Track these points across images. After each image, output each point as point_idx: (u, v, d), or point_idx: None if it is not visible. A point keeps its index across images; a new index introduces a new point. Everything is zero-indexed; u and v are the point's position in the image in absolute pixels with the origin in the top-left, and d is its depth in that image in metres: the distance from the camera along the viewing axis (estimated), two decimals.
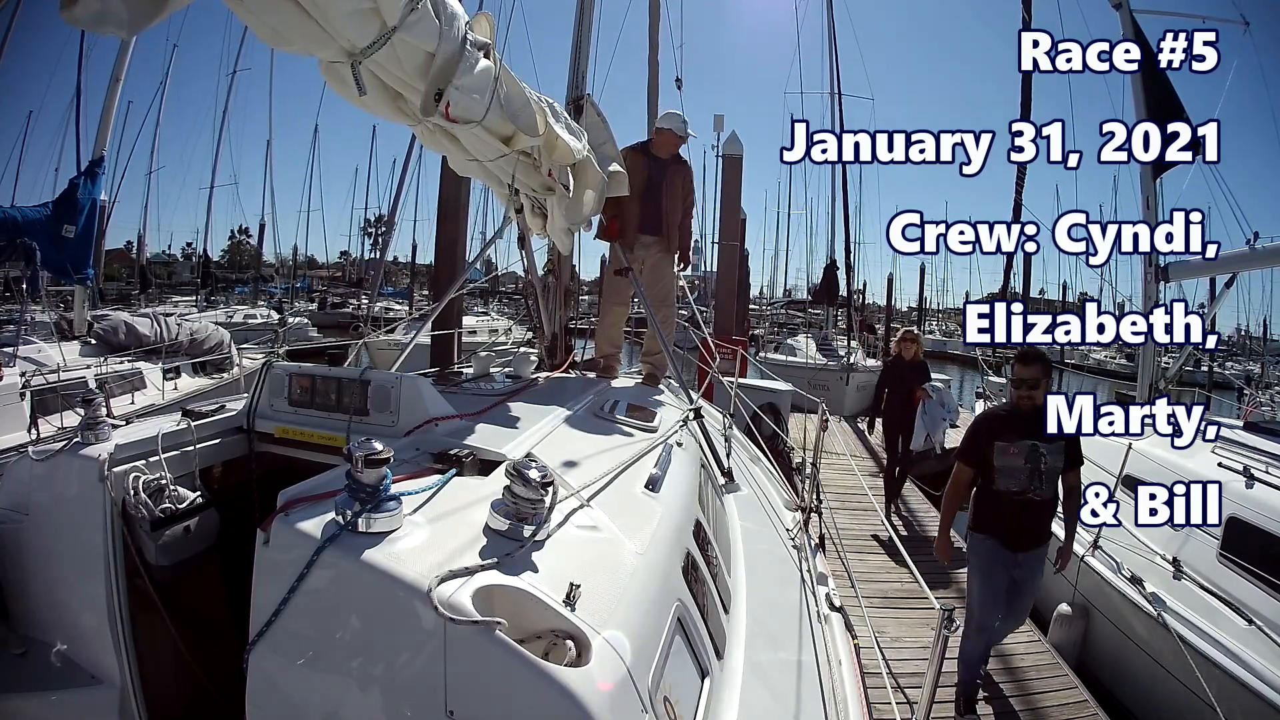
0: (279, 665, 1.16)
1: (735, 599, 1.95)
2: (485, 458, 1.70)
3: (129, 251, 31.74)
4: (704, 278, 25.23)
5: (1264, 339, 28.92)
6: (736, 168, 13.19)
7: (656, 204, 3.81)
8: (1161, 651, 3.48)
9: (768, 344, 18.96)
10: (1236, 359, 26.08)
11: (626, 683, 1.03)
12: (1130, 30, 5.58)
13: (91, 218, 7.72)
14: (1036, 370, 2.98)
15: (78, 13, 1.16)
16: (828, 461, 6.08)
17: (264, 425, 2.15)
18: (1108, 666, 4.02)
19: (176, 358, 8.30)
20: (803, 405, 7.83)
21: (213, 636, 1.94)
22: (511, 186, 2.69)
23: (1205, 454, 4.06)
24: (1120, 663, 3.92)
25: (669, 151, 3.88)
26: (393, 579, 1.07)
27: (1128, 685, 3.85)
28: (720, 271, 14.91)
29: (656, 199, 3.81)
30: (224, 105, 24.64)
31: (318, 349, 14.56)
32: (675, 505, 1.78)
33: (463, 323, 11.18)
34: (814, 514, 3.08)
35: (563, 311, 4.22)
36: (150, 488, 1.79)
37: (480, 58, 1.85)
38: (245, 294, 27.71)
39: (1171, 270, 5.56)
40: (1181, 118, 5.40)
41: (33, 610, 1.72)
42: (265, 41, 1.47)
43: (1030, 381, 2.98)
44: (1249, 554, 3.44)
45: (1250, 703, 2.96)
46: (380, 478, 1.19)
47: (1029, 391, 2.98)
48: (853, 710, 1.79)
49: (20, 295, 7.53)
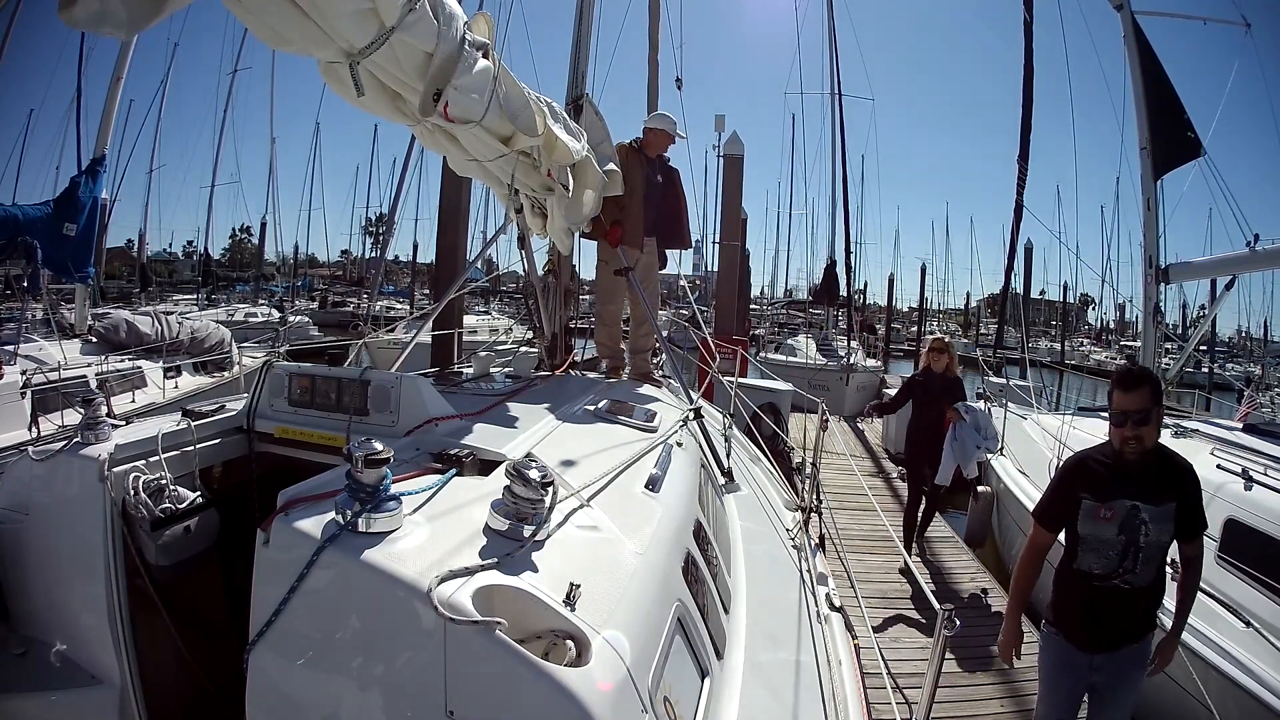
0: (279, 665, 1.16)
1: (735, 599, 1.95)
2: (485, 458, 1.71)
3: (130, 250, 31.73)
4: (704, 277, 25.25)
5: (1265, 340, 28.95)
6: (737, 168, 13.21)
7: (654, 205, 3.83)
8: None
9: (768, 344, 18.98)
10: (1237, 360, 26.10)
11: (626, 683, 1.03)
12: (1131, 31, 5.58)
13: (92, 216, 7.73)
14: (1145, 398, 2.11)
15: (76, 13, 1.16)
16: (828, 461, 6.08)
17: (264, 425, 2.15)
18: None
19: (177, 356, 8.30)
20: (803, 405, 7.83)
21: (213, 636, 1.94)
22: (511, 186, 2.69)
23: (1204, 455, 4.06)
24: None
25: (658, 152, 3.90)
26: (393, 579, 1.07)
27: None
28: (721, 271, 14.94)
29: (654, 200, 3.83)
30: (225, 104, 24.65)
31: (318, 348, 14.55)
32: (675, 505, 1.78)
33: (464, 322, 11.18)
34: (814, 514, 3.08)
35: (563, 311, 4.22)
36: (150, 488, 1.80)
37: (479, 58, 1.86)
38: (246, 292, 27.69)
39: (1172, 272, 5.55)
40: (1182, 119, 5.42)
41: (33, 610, 1.73)
42: (264, 42, 1.47)
43: (1138, 415, 2.10)
44: (1247, 556, 3.43)
45: (1248, 705, 2.96)
46: (380, 478, 1.19)
47: (1136, 430, 2.11)
48: (853, 710, 1.79)
49: (21, 294, 7.53)
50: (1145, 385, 2.12)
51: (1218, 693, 2.96)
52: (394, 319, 16.87)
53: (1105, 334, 41.04)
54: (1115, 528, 2.16)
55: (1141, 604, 2.24)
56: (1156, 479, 2.16)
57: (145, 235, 27.04)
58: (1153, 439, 2.15)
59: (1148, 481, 2.15)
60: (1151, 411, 2.11)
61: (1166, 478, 2.17)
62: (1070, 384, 16.05)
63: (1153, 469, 2.17)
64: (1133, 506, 2.14)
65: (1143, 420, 2.10)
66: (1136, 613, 2.25)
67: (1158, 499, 2.13)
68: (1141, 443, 2.12)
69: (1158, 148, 5.43)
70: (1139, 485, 2.15)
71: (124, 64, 8.41)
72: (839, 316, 19.22)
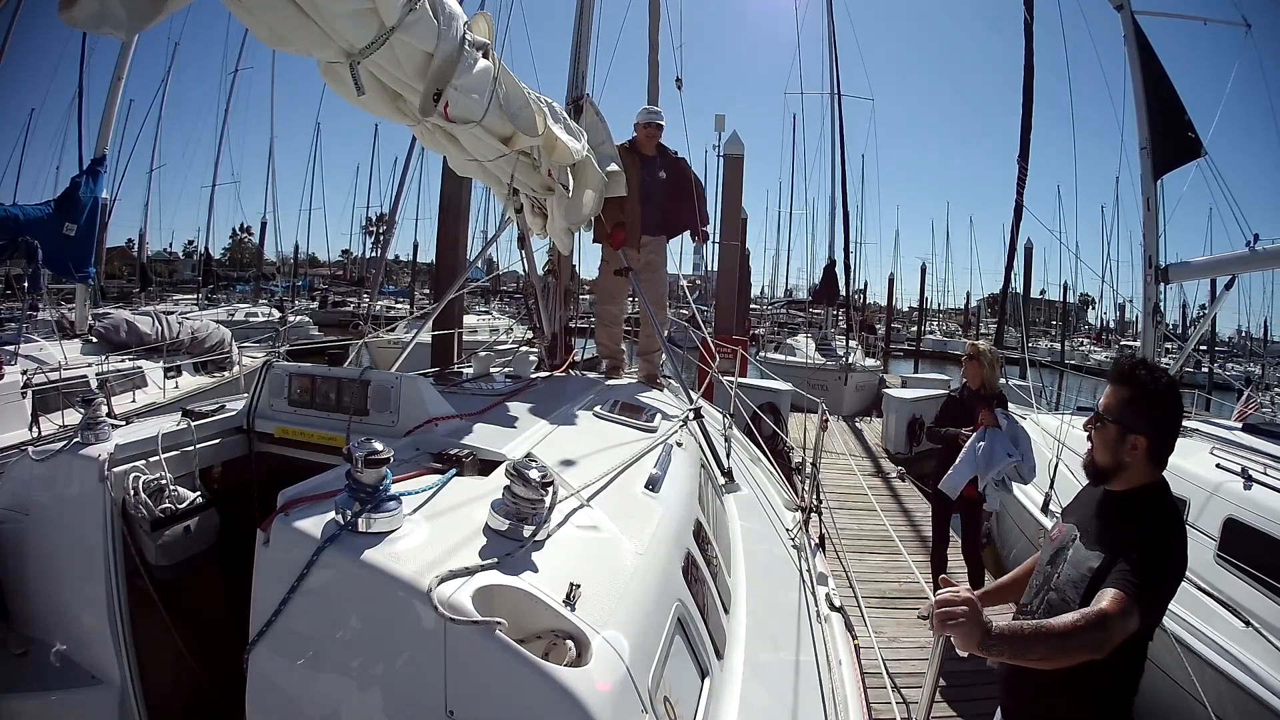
0: (279, 665, 1.16)
1: (735, 599, 1.95)
2: (485, 458, 1.71)
3: (130, 250, 31.71)
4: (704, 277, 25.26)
5: (1265, 340, 28.97)
6: (737, 167, 13.22)
7: (653, 203, 3.83)
8: (1158, 653, 3.47)
9: (768, 344, 18.99)
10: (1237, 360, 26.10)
11: (626, 683, 1.03)
12: (1131, 31, 5.58)
13: (93, 216, 7.72)
14: (1110, 396, 1.60)
15: (76, 14, 1.16)
16: (828, 461, 6.08)
17: (264, 425, 2.15)
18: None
19: (177, 356, 8.30)
20: (802, 405, 7.83)
21: (213, 636, 1.94)
22: (511, 186, 2.69)
23: (1203, 455, 4.06)
24: None
25: (652, 147, 3.90)
26: (393, 579, 1.07)
27: None
28: (721, 271, 14.95)
29: (653, 198, 3.83)
30: (225, 104, 24.65)
31: (318, 348, 14.56)
32: (675, 505, 1.78)
33: (464, 322, 11.18)
34: (814, 514, 3.08)
35: (563, 311, 4.22)
36: (150, 488, 1.80)
37: (479, 58, 1.86)
38: (246, 292, 27.73)
39: (1171, 271, 5.55)
40: (1183, 119, 5.42)
41: (33, 610, 1.73)
42: (264, 42, 1.48)
43: (1111, 411, 1.59)
44: (1246, 556, 3.43)
45: (1247, 705, 2.96)
46: (380, 478, 1.19)
47: (1087, 434, 1.65)
48: (852, 710, 1.79)
49: (22, 293, 7.54)
50: (1125, 386, 1.58)
51: (1215, 692, 2.96)
52: (394, 319, 16.88)
53: (1105, 334, 41.05)
54: (1050, 553, 1.69)
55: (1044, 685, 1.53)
56: (1111, 521, 1.57)
57: (145, 235, 27.06)
58: (1102, 459, 1.59)
59: (1103, 518, 1.60)
60: (1103, 418, 1.58)
61: (1126, 530, 1.51)
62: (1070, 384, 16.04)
63: (1119, 508, 1.58)
64: (1073, 534, 1.64)
65: (1097, 422, 1.60)
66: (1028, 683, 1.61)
67: (1095, 540, 1.56)
68: (1091, 450, 1.62)
69: (1158, 147, 5.43)
70: (1088, 511, 1.65)
71: (124, 64, 8.40)
72: (839, 316, 19.23)
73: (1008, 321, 16.40)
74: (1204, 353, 21.32)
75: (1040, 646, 1.33)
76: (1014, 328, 17.46)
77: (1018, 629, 1.35)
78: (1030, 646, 1.33)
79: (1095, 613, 1.36)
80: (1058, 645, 1.33)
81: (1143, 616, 1.39)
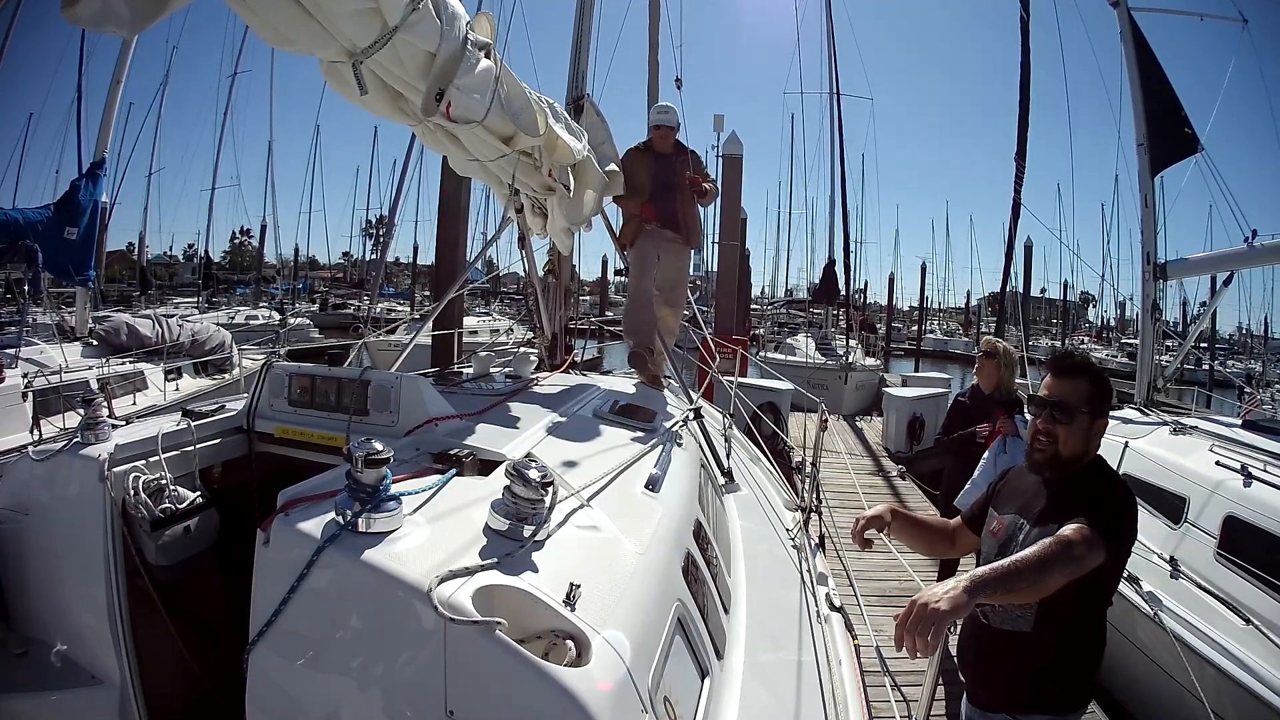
0: (279, 665, 1.16)
1: (735, 599, 1.95)
2: (485, 458, 1.71)
3: (130, 253, 31.73)
4: (704, 277, 25.26)
5: (1265, 337, 29.01)
6: (737, 167, 13.21)
7: (669, 201, 3.83)
8: (1158, 651, 3.47)
9: (768, 344, 18.99)
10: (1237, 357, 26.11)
11: (626, 683, 1.03)
12: (1128, 29, 5.58)
13: (93, 219, 7.74)
14: (1075, 391, 1.66)
15: (79, 11, 1.16)
16: (828, 461, 6.07)
17: (264, 425, 2.15)
18: (1104, 665, 4.01)
19: (178, 359, 8.31)
20: (802, 405, 7.83)
21: (213, 636, 1.94)
22: (512, 186, 2.69)
23: (1203, 452, 4.06)
24: (1117, 661, 3.91)
25: (668, 145, 3.89)
26: (393, 579, 1.07)
27: (1124, 684, 3.84)
28: (721, 271, 14.96)
29: (669, 196, 3.83)
30: (225, 106, 24.66)
31: (318, 349, 14.57)
32: (675, 505, 1.78)
33: (464, 323, 11.18)
34: (814, 514, 3.08)
35: (563, 311, 4.22)
36: (150, 488, 1.80)
37: (481, 58, 1.86)
38: (246, 295, 27.72)
39: (1170, 268, 5.55)
40: (1179, 115, 5.42)
41: (33, 610, 1.73)
42: (267, 41, 1.48)
43: (1059, 407, 1.66)
44: (1247, 553, 3.43)
45: (1246, 703, 2.96)
46: (380, 478, 1.19)
47: (1050, 426, 1.67)
48: (853, 710, 1.79)
49: (22, 297, 7.55)
50: (1082, 378, 1.66)
51: (1214, 690, 2.96)
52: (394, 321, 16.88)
53: (1106, 332, 41.06)
54: (997, 546, 1.74)
55: (1007, 661, 1.67)
56: (1058, 497, 1.62)
57: (145, 238, 27.08)
58: (1072, 448, 1.64)
59: (1047, 496, 1.66)
60: (1076, 410, 1.63)
61: (1075, 499, 1.56)
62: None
63: (1065, 485, 1.65)
64: (1016, 519, 1.71)
65: (1064, 416, 1.64)
66: (997, 669, 1.71)
67: (1042, 518, 1.62)
68: (1054, 443, 1.65)
69: (1155, 144, 5.44)
70: (1034, 497, 1.70)
71: (124, 67, 8.42)
72: (839, 316, 19.23)
73: (1008, 320, 16.44)
74: (1204, 350, 21.31)
75: (1026, 575, 1.36)
76: (1014, 326, 17.49)
77: (997, 567, 1.38)
78: (1015, 579, 1.36)
79: (1056, 538, 1.43)
80: (1038, 570, 1.37)
81: (1106, 546, 1.45)
